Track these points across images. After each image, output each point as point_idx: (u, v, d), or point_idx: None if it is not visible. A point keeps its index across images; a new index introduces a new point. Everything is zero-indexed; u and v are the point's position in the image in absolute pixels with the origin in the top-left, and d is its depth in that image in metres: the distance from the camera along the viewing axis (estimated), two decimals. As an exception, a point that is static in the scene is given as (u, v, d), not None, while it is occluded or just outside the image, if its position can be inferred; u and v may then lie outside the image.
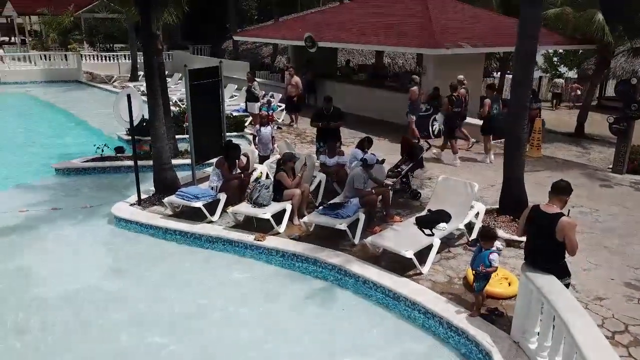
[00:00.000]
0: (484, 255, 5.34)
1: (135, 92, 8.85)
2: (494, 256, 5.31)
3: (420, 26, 14.76)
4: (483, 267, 5.31)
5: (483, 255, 5.34)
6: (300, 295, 6.54)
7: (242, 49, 29.03)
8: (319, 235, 7.43)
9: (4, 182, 10.97)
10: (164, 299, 6.49)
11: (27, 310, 6.22)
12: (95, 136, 14.83)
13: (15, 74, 25.72)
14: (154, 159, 9.25)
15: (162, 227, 8.05)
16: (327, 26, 17.91)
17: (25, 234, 8.24)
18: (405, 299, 5.92)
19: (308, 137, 13.92)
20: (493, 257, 5.30)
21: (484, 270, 5.31)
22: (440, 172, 9.76)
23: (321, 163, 9.38)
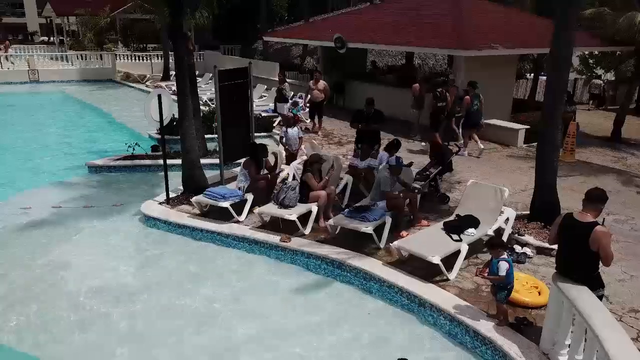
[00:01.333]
0: (493, 263, 5.23)
1: (166, 92, 8.98)
2: (502, 265, 5.16)
3: (451, 27, 14.55)
4: (486, 273, 5.23)
5: (493, 263, 5.24)
6: (324, 297, 6.52)
7: (272, 49, 29.19)
8: (344, 238, 7.39)
9: (39, 179, 11.33)
10: (189, 296, 6.57)
11: (60, 302, 6.38)
12: (127, 134, 15.16)
13: (53, 73, 26.51)
14: (183, 158, 9.38)
15: (190, 226, 8.15)
16: (356, 27, 17.84)
17: (59, 229, 8.47)
18: (431, 305, 5.83)
19: (335, 138, 13.89)
20: (500, 266, 5.16)
21: (485, 276, 5.26)
22: (470, 176, 9.58)
23: (350, 165, 9.33)
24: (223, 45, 31.02)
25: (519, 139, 13.29)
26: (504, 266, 5.14)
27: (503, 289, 5.23)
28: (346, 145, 12.93)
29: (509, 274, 5.16)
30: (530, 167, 9.36)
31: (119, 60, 28.62)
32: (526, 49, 15.37)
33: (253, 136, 10.31)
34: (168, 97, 8.82)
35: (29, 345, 5.64)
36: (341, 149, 12.50)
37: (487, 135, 13.74)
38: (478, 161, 11.66)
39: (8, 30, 59.10)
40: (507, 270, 5.13)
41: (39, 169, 12.15)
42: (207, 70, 24.21)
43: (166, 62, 25.65)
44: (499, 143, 13.37)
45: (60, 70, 27.17)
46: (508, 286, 5.23)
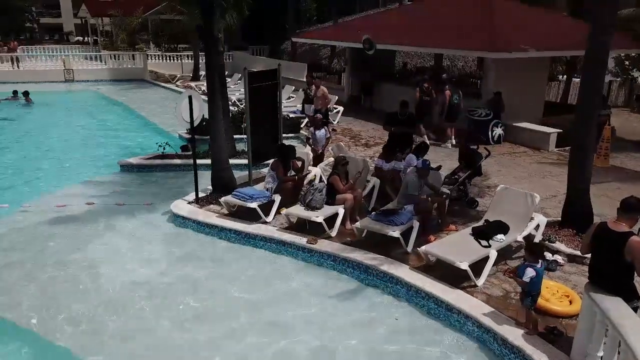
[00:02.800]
0: (522, 267, 5.19)
1: (196, 93, 9.12)
2: (529, 271, 5.07)
3: (481, 29, 14.35)
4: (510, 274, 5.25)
5: (521, 267, 5.20)
6: (350, 300, 6.52)
7: (300, 50, 29.33)
8: (371, 241, 7.38)
9: (73, 176, 11.66)
10: (215, 294, 6.68)
11: (92, 296, 6.57)
12: (157, 134, 15.49)
13: (87, 73, 27.23)
14: (213, 158, 9.52)
15: (218, 225, 8.26)
16: (385, 28, 17.78)
17: (91, 226, 8.70)
18: (458, 311, 5.78)
19: (362, 139, 13.88)
20: (527, 272, 5.08)
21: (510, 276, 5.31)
22: (500, 181, 9.45)
23: (376, 167, 9.31)
24: (251, 46, 31.33)
25: (550, 142, 13.03)
26: (530, 272, 5.07)
27: (527, 295, 5.18)
28: (373, 147, 12.90)
29: (533, 281, 5.08)
30: (562, 172, 9.16)
31: (150, 60, 29.22)
32: (559, 51, 15.05)
33: (281, 137, 10.38)
34: (198, 98, 8.96)
35: (61, 335, 5.82)
36: (368, 151, 12.48)
37: (518, 139, 13.54)
38: (508, 165, 11.48)
39: (45, 30, 61.00)
40: (531, 277, 5.05)
41: (73, 167, 12.50)
42: (236, 70, 24.50)
43: (196, 62, 26.05)
44: (529, 147, 13.15)
45: (94, 69, 27.90)
46: (532, 293, 5.16)
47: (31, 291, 6.71)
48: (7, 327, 6.01)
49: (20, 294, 6.62)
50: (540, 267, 5.17)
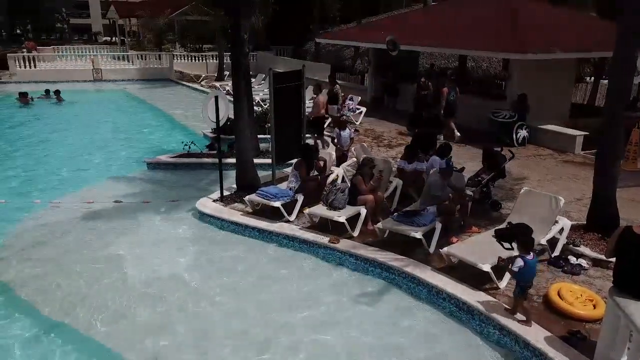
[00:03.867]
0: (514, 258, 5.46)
1: (222, 94, 9.28)
2: (518, 261, 5.34)
3: (507, 29, 14.22)
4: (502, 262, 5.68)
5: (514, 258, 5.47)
6: (371, 300, 6.58)
7: (324, 50, 29.43)
8: (392, 242, 7.42)
9: (101, 174, 11.99)
10: (239, 291, 6.81)
11: (119, 291, 6.76)
12: (183, 133, 15.79)
13: (115, 73, 27.83)
14: (237, 158, 9.68)
15: (242, 223, 8.41)
16: (409, 29, 17.74)
17: (119, 223, 8.93)
18: (479, 313, 5.79)
19: (385, 140, 13.89)
20: (516, 261, 5.36)
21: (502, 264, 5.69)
22: (524, 183, 9.38)
23: (398, 168, 9.34)
24: (275, 47, 31.56)
25: (576, 145, 12.84)
26: (518, 263, 5.32)
27: (517, 285, 5.49)
28: (396, 148, 12.91)
29: (522, 272, 5.32)
30: (588, 175, 9.03)
31: (176, 60, 29.70)
32: (585, 52, 14.81)
33: (304, 137, 10.49)
34: (224, 98, 9.13)
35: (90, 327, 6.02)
36: (390, 152, 12.49)
37: (543, 141, 13.39)
38: (532, 168, 11.36)
39: (75, 30, 62.54)
40: (520, 267, 5.31)
41: (101, 164, 12.84)
42: (259, 70, 24.73)
43: (221, 62, 26.38)
44: (554, 149, 12.98)
45: (122, 69, 28.50)
46: (521, 283, 5.44)
47: (61, 284, 6.94)
48: (40, 319, 6.22)
49: (51, 287, 6.87)
50: (531, 259, 5.38)
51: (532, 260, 5.36)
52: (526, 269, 5.31)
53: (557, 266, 6.77)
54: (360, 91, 19.46)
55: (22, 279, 7.10)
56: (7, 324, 6.09)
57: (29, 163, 12.88)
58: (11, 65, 26.45)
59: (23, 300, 6.64)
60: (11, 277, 7.16)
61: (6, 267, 7.42)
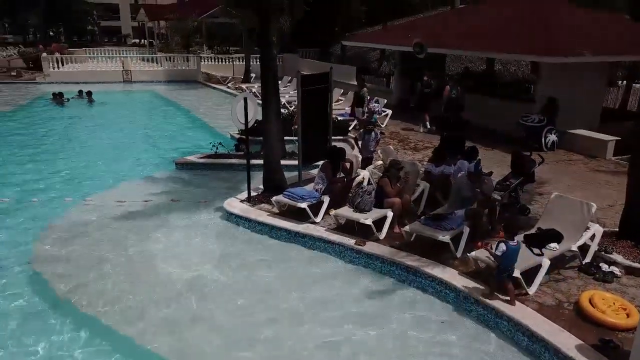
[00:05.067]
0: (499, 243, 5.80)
1: (251, 96, 9.40)
2: (501, 245, 5.72)
3: (536, 32, 14.04)
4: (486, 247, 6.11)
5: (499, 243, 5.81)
6: (397, 303, 6.58)
7: (350, 53, 29.43)
8: (419, 245, 7.39)
9: (132, 173, 12.24)
10: (265, 290, 6.90)
11: (148, 289, 6.92)
12: (210, 134, 16.00)
13: (144, 74, 28.37)
14: (265, 159, 9.78)
15: (269, 224, 8.50)
16: (435, 31, 17.63)
17: (149, 221, 9.11)
18: (508, 319, 5.73)
19: (411, 143, 13.84)
20: (500, 246, 5.73)
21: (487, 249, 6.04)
22: (553, 188, 9.24)
23: (425, 171, 9.30)
24: (301, 49, 31.69)
25: (607, 150, 12.57)
26: (501, 247, 5.69)
27: (501, 272, 5.83)
28: (422, 150, 12.86)
29: (505, 256, 5.69)
30: (620, 181, 8.86)
31: (203, 62, 30.10)
32: (618, 55, 14.49)
33: (331, 140, 10.53)
34: (253, 100, 9.24)
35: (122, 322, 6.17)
36: (417, 155, 12.44)
37: (572, 146, 13.15)
38: (562, 173, 11.18)
39: (104, 32, 63.96)
40: (503, 252, 5.67)
41: (131, 164, 13.10)
42: (285, 73, 24.91)
43: (247, 64, 26.61)
44: (585, 155, 12.73)
45: (150, 71, 29.03)
46: (501, 267, 5.82)
47: (93, 281, 7.13)
48: (72, 314, 6.41)
49: (84, 283, 7.06)
50: (514, 245, 5.74)
51: (514, 246, 5.73)
52: (508, 254, 5.68)
53: (588, 273, 6.65)
54: (386, 94, 19.40)
55: (55, 275, 7.31)
56: (40, 318, 6.28)
57: (62, 162, 13.22)
58: (45, 67, 27.23)
59: (56, 295, 6.84)
60: (44, 273, 7.37)
61: (40, 264, 7.65)
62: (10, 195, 10.39)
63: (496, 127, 14.43)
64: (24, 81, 27.41)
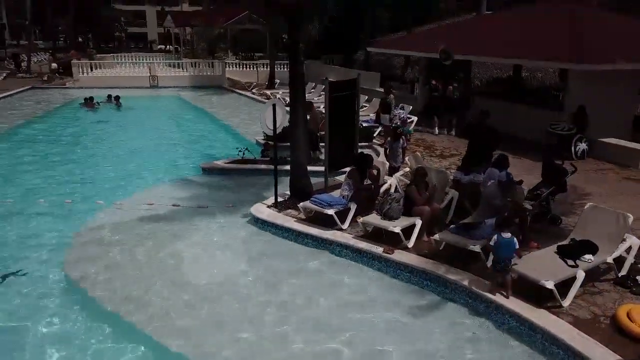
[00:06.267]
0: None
1: (280, 102, 9.46)
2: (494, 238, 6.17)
3: (566, 39, 13.80)
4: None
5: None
6: (426, 312, 6.51)
7: (374, 60, 29.41)
8: (448, 254, 7.30)
9: (159, 177, 12.42)
10: (292, 296, 6.90)
11: (176, 293, 6.99)
12: (235, 139, 16.16)
13: (170, 79, 28.82)
14: (292, 165, 9.81)
15: (296, 230, 8.51)
16: (462, 38, 17.48)
17: (178, 225, 9.21)
18: (542, 332, 5.61)
19: (437, 150, 13.73)
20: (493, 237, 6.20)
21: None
22: (586, 199, 9.05)
23: (454, 179, 9.20)
24: (325, 55, 31.80)
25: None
26: (494, 238, 6.15)
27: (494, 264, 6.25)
28: (449, 158, 12.74)
29: (496, 247, 6.12)
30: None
31: (228, 68, 30.43)
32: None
33: (357, 146, 10.51)
34: (282, 107, 9.30)
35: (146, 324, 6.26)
36: (444, 162, 12.34)
37: (604, 155, 12.87)
38: (593, 182, 10.93)
39: (131, 38, 65.29)
40: (494, 242, 6.11)
41: (159, 168, 13.30)
42: (309, 79, 24.92)
43: (272, 70, 26.80)
44: (616, 164, 12.44)
45: (176, 76, 29.49)
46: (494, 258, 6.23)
47: (123, 282, 7.24)
48: (103, 314, 6.52)
49: (113, 285, 7.18)
50: (506, 238, 6.09)
51: (504, 239, 6.08)
52: (497, 245, 6.11)
53: (624, 286, 6.48)
54: (411, 100, 19.29)
55: (86, 276, 7.44)
56: (70, 318, 6.40)
57: (93, 165, 13.53)
58: (75, 72, 27.89)
59: (86, 296, 6.97)
60: (76, 274, 7.52)
61: (72, 264, 7.80)
62: (45, 197, 10.65)
63: (524, 134, 14.21)
64: (55, 86, 28.14)
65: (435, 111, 16.10)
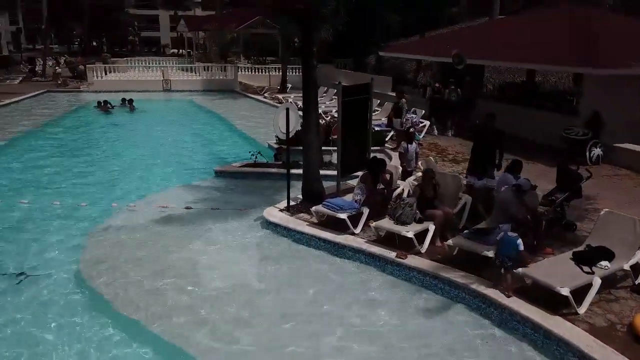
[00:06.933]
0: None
1: (293, 106, 9.49)
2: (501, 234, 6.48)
3: (581, 43, 13.69)
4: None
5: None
6: (439, 318, 6.46)
7: (386, 64, 29.39)
8: (461, 260, 7.25)
9: (173, 180, 12.51)
10: (304, 301, 6.92)
11: (188, 295, 7.04)
12: (247, 143, 16.22)
13: (182, 83, 29.04)
14: (304, 169, 9.83)
15: (308, 233, 8.51)
16: (474, 43, 17.43)
17: (191, 228, 9.28)
18: (557, 339, 5.54)
19: (450, 155, 13.67)
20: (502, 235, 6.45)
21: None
22: (601, 205, 8.94)
23: (467, 184, 9.15)
24: (337, 59, 31.82)
25: (658, 166, 12.10)
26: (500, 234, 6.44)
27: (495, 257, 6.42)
28: (462, 163, 12.66)
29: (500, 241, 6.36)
30: None
31: (240, 72, 30.57)
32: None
33: (370, 150, 10.50)
34: (295, 111, 9.33)
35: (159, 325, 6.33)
36: (456, 167, 12.27)
37: (619, 161, 12.71)
38: (608, 188, 10.80)
39: (145, 43, 65.96)
40: (500, 237, 6.38)
41: (172, 171, 13.41)
42: (321, 83, 24.92)
43: (284, 74, 26.89)
44: (633, 170, 12.27)
45: (189, 80, 29.69)
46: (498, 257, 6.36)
47: (136, 284, 7.30)
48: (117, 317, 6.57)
49: (126, 286, 7.24)
50: (512, 236, 6.36)
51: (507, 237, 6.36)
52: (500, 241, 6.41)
53: (641, 294, 6.40)
54: (423, 104, 19.23)
55: (100, 276, 7.52)
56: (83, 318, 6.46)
57: (108, 167, 13.66)
58: (89, 76, 28.22)
59: (99, 296, 7.04)
60: (90, 274, 7.60)
61: (87, 265, 7.88)
62: (60, 199, 10.78)
63: (537, 139, 14.10)
64: (70, 90, 28.50)
65: (434, 112, 16.54)
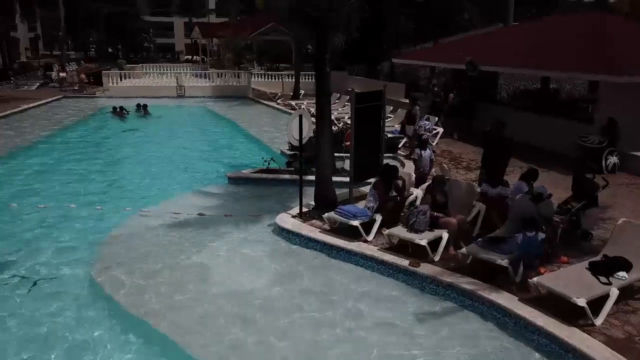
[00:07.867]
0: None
1: (306, 113, 9.51)
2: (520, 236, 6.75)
3: (597, 50, 13.55)
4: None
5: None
6: (452, 327, 6.39)
7: (398, 70, 29.36)
8: (475, 268, 7.18)
9: (185, 186, 12.58)
10: (316, 308, 6.88)
11: (199, 302, 7.02)
12: (260, 149, 16.27)
13: (196, 89, 29.28)
14: (317, 175, 9.83)
15: (321, 240, 8.49)
16: (487, 49, 17.35)
17: (203, 234, 9.30)
18: (574, 351, 5.45)
19: (463, 162, 13.59)
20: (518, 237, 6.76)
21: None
22: (618, 214, 8.81)
23: (481, 192, 9.08)
24: (349, 66, 31.85)
25: (676, 175, 11.90)
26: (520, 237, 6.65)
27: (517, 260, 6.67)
28: (475, 170, 12.56)
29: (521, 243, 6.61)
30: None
31: (254, 78, 30.76)
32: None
33: (383, 157, 10.48)
34: (308, 118, 9.34)
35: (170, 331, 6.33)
36: (470, 174, 12.19)
37: (636, 169, 12.52)
38: (625, 197, 10.65)
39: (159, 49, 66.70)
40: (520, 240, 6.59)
41: (185, 177, 13.50)
42: (333, 89, 24.93)
43: (297, 81, 26.98)
44: (650, 178, 12.10)
45: (202, 86, 29.95)
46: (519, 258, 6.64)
47: (148, 289, 7.32)
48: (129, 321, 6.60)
49: (138, 291, 7.28)
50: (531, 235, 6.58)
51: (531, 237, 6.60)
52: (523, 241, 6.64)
53: (660, 305, 6.28)
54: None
55: (113, 280, 7.56)
56: (95, 323, 6.51)
57: (122, 172, 13.82)
58: (105, 82, 28.60)
59: (113, 301, 7.08)
60: (104, 278, 7.66)
61: (99, 269, 7.94)
62: (75, 202, 10.91)
63: (551, 147, 13.96)
64: (86, 95, 28.89)
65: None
